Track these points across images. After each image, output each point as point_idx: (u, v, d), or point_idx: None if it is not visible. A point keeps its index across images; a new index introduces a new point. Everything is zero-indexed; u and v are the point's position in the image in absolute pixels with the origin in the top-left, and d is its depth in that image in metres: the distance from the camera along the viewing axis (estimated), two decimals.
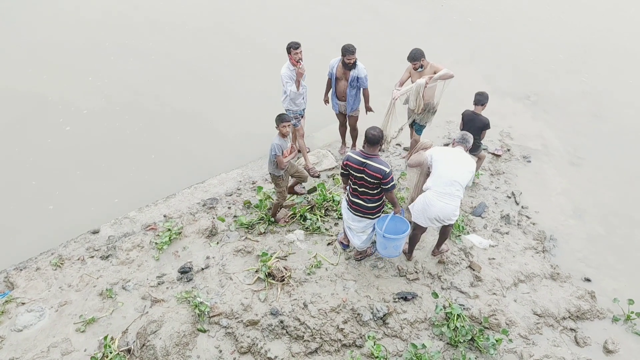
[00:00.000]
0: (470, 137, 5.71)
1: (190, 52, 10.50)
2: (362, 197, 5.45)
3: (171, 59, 10.25)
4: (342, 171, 5.52)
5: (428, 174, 5.67)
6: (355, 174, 5.33)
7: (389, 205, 6.14)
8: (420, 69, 6.72)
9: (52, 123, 8.58)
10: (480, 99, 6.83)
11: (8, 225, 6.84)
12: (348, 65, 6.78)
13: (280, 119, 6.00)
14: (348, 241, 6.12)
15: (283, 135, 6.07)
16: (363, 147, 5.32)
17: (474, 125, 6.80)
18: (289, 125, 6.04)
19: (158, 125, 8.67)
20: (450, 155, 5.51)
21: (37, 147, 8.08)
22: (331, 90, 7.27)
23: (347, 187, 5.64)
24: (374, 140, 5.19)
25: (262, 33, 11.17)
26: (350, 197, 5.58)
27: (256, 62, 10.18)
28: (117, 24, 11.29)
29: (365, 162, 5.24)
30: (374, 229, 5.71)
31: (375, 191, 5.37)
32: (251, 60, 10.30)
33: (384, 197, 5.52)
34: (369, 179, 5.25)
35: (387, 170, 5.18)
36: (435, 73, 6.68)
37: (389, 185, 5.25)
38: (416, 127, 7.28)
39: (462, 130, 6.84)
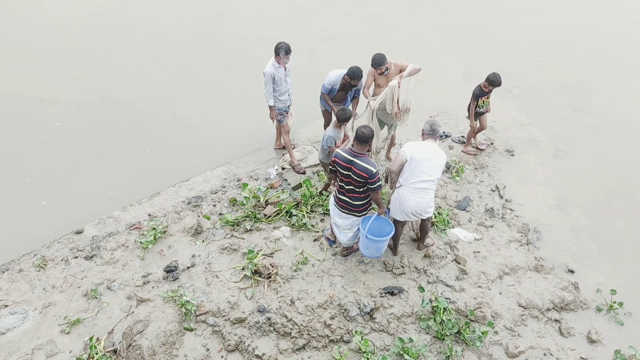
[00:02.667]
0: (438, 127, 5.63)
1: (175, 50, 10.37)
2: (348, 195, 5.46)
3: (156, 57, 10.12)
4: (331, 168, 5.53)
5: None
6: (342, 171, 5.34)
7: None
8: (386, 72, 6.71)
9: (40, 120, 8.43)
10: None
11: None
12: (352, 85, 6.82)
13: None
14: (335, 237, 6.13)
15: (339, 127, 6.32)
16: (352, 145, 5.33)
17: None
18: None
19: (143, 123, 8.56)
20: (421, 151, 5.44)
21: (25, 145, 7.94)
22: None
23: (335, 184, 5.64)
24: (364, 138, 5.19)
25: (245, 28, 11.09)
26: (338, 194, 5.59)
27: (241, 59, 10.10)
28: (103, 20, 11.11)
29: (352, 161, 5.24)
30: None
31: (362, 189, 5.38)
32: (236, 58, 10.22)
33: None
34: (355, 177, 5.26)
35: (374, 170, 5.19)
36: (401, 71, 6.66)
37: (375, 185, 5.26)
38: (389, 125, 7.28)
39: None
